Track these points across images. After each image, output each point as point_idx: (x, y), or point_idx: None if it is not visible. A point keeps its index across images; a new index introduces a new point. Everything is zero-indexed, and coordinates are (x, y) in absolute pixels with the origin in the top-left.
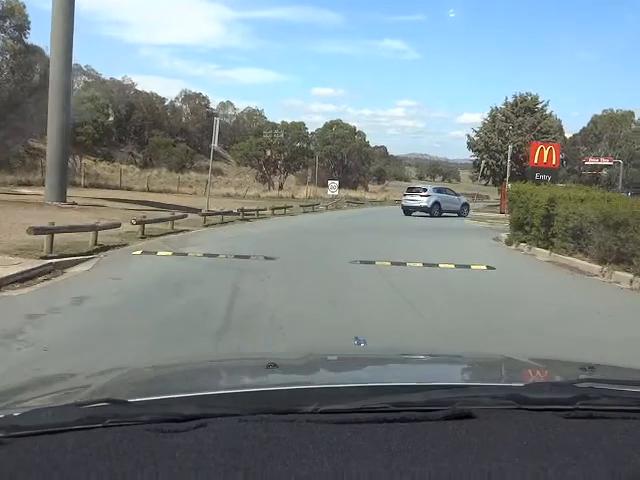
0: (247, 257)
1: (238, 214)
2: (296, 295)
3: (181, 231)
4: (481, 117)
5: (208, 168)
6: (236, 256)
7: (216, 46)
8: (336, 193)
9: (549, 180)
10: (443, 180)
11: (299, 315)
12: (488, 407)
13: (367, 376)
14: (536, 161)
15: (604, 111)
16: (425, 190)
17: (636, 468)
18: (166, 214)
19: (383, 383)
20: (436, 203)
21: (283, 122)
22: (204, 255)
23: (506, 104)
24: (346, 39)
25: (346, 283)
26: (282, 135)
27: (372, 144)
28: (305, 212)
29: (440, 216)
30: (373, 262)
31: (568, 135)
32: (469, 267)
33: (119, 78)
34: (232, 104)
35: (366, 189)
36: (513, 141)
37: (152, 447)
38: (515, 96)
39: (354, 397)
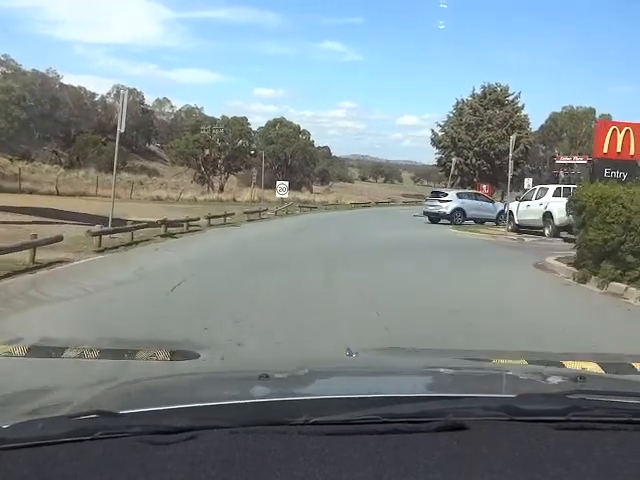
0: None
1: (159, 226)
2: None
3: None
4: (425, 122)
5: (143, 168)
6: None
7: (155, 46)
8: (286, 196)
9: (625, 178)
10: (385, 181)
11: None
12: (480, 418)
13: (359, 387)
14: (606, 150)
15: (564, 108)
16: (445, 195)
17: (627, 479)
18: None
19: (375, 394)
20: (458, 210)
21: (223, 117)
22: None
23: (473, 96)
24: (287, 40)
25: None
26: (222, 131)
27: (315, 145)
28: (250, 220)
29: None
30: None
31: None
32: None
33: (42, 70)
34: (169, 101)
35: (311, 191)
36: (483, 137)
37: (143, 459)
38: (483, 87)
39: (345, 408)
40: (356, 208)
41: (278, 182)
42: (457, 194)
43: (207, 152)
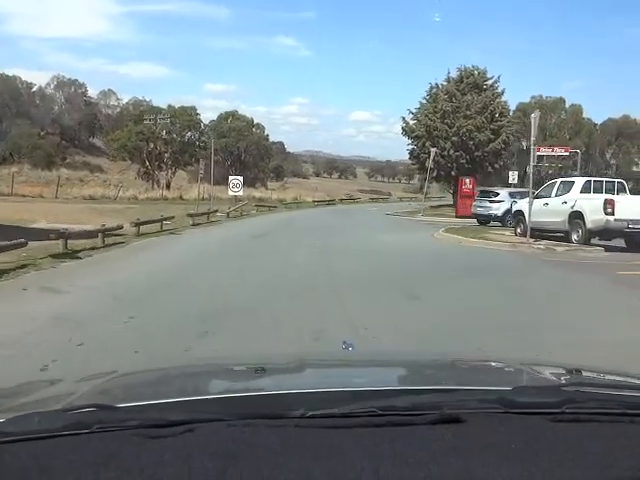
0: None
1: (57, 239)
2: None
3: None
4: (377, 118)
5: (85, 164)
6: None
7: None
8: (240, 193)
9: None
10: (340, 177)
11: None
12: (475, 411)
13: (355, 380)
14: None
15: (532, 98)
16: (497, 195)
17: (623, 472)
18: None
19: (371, 387)
20: (510, 211)
21: (170, 107)
22: None
23: (448, 80)
24: (238, 35)
25: None
26: (168, 121)
27: (269, 140)
28: (196, 224)
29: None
30: None
31: None
32: None
33: None
34: (115, 93)
35: (266, 187)
36: (461, 125)
37: (139, 452)
38: (459, 70)
39: (342, 402)
40: (320, 206)
41: (231, 177)
42: (510, 193)
43: (152, 145)
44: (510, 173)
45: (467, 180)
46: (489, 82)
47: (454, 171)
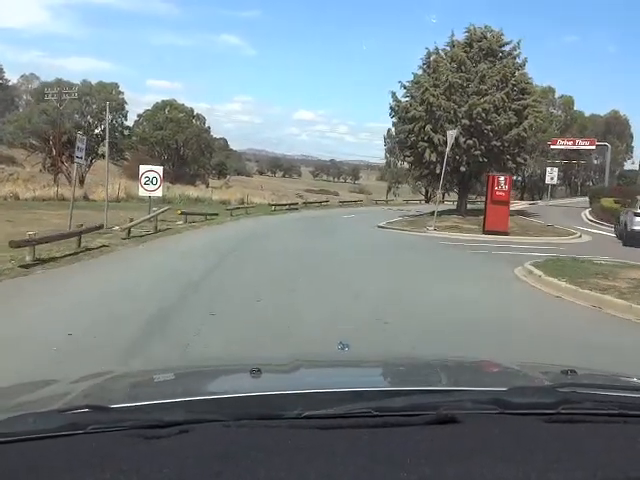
0: None
1: None
2: None
3: None
4: (321, 118)
5: None
6: None
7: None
8: (157, 193)
9: None
10: (284, 175)
11: None
12: (471, 411)
13: (350, 381)
14: None
15: None
16: None
17: (617, 472)
18: None
19: (366, 388)
20: None
21: (85, 82)
22: None
23: (452, 44)
24: (183, 31)
25: None
26: (74, 95)
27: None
28: (26, 267)
29: None
30: None
31: None
32: None
33: None
34: (38, 77)
35: (207, 185)
36: (474, 104)
37: (135, 453)
38: (468, 31)
39: (337, 402)
40: (278, 212)
41: (143, 168)
42: None
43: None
44: (548, 171)
45: (501, 179)
46: (506, 48)
47: (464, 166)
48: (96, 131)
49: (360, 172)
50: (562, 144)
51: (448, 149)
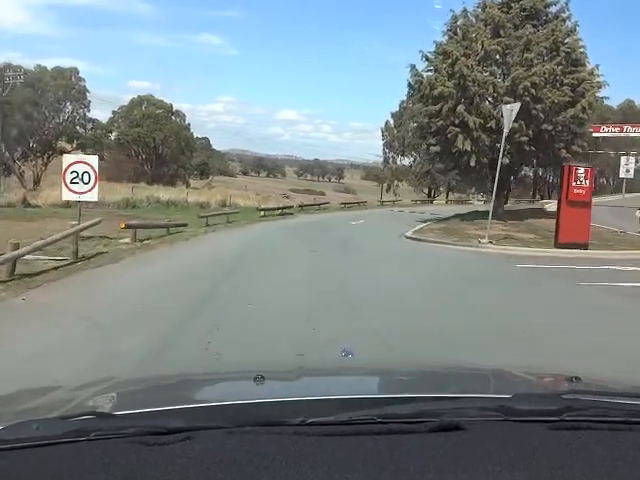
0: None
1: None
2: None
3: None
4: (304, 117)
5: None
6: None
7: (21, 33)
8: (92, 196)
9: None
10: (268, 175)
11: None
12: (475, 419)
13: (354, 388)
14: None
15: None
16: None
17: (622, 479)
18: None
19: (370, 395)
20: None
21: (39, 66)
22: None
23: (484, 4)
24: (163, 32)
25: None
26: (20, 79)
27: (194, 135)
28: None
29: None
30: None
31: None
32: None
33: None
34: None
35: (188, 185)
36: (518, 77)
37: (138, 460)
38: None
39: (341, 409)
40: (269, 218)
41: (68, 157)
42: None
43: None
44: (623, 160)
45: (581, 172)
46: (552, 10)
47: (506, 156)
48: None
49: (344, 172)
50: (606, 131)
51: (506, 130)
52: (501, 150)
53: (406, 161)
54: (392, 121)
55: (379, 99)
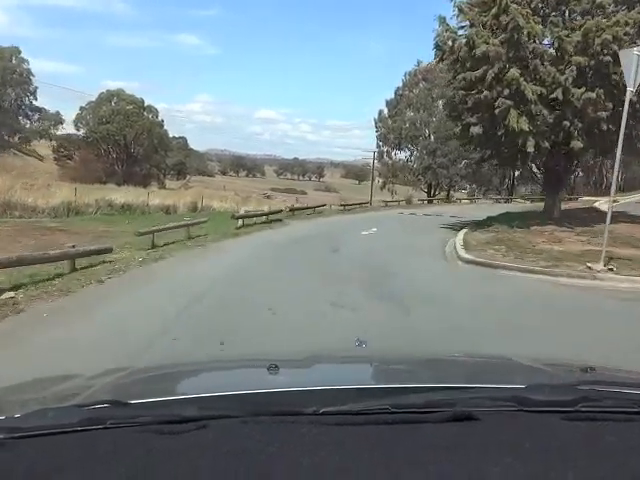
0: None
1: None
2: None
3: None
4: (283, 116)
5: None
6: None
7: None
8: None
9: None
10: (247, 175)
11: None
12: (489, 409)
13: (368, 378)
14: None
15: None
16: None
17: (637, 470)
18: None
19: (384, 385)
20: None
21: None
22: None
23: None
24: (140, 32)
25: None
26: None
27: (170, 135)
28: None
29: None
30: None
31: None
32: None
33: None
34: None
35: (163, 185)
36: (590, 28)
37: (152, 449)
38: None
39: (355, 399)
40: (249, 228)
41: None
42: None
43: None
44: None
45: None
46: None
47: (550, 142)
48: None
49: (325, 170)
50: None
51: (633, 89)
52: (622, 123)
53: (402, 155)
54: (387, 110)
55: (359, 97)
